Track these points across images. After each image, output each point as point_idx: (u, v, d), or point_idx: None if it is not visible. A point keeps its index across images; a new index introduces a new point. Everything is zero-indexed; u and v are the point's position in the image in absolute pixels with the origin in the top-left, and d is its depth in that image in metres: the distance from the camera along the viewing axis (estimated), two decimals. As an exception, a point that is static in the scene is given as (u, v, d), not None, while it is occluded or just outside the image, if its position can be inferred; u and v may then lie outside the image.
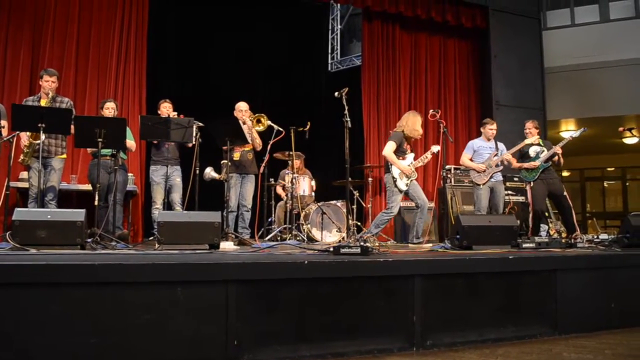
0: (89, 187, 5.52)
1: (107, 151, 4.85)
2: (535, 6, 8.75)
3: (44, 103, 4.78)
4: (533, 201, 5.66)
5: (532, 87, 8.39)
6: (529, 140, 5.71)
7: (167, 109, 5.44)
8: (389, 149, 5.20)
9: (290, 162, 6.41)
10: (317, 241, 5.92)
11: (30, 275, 2.13)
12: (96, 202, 4.31)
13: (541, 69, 8.53)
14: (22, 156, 4.69)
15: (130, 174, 5.90)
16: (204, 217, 3.74)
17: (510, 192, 6.94)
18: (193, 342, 2.28)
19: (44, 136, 4.31)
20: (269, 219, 6.51)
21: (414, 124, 5.29)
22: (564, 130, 10.05)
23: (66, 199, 5.92)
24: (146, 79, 6.84)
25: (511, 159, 5.72)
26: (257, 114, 5.57)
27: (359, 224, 6.47)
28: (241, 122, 5.20)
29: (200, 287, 2.33)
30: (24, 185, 5.39)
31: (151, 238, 4.50)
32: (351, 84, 5.26)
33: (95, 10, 6.67)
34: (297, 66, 8.99)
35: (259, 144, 5.61)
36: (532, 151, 5.73)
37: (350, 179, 4.34)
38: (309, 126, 5.84)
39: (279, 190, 6.78)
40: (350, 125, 4.30)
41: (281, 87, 8.76)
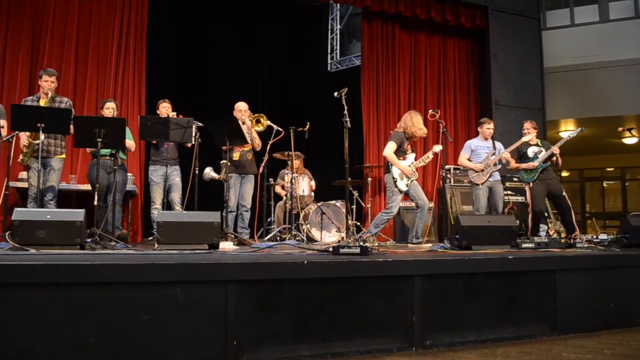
0: (88, 187, 5.52)
1: (107, 151, 4.84)
2: (535, 6, 8.75)
3: (43, 103, 4.78)
4: (532, 201, 5.66)
5: (532, 87, 8.40)
6: (526, 138, 5.72)
7: (166, 109, 5.44)
8: (390, 149, 5.20)
9: (289, 162, 6.41)
10: (316, 241, 5.92)
11: (30, 275, 2.13)
12: (95, 202, 4.31)
13: (541, 69, 8.53)
14: (21, 156, 4.69)
15: (129, 174, 5.90)
16: (204, 217, 3.73)
17: (509, 192, 6.94)
18: (192, 342, 2.28)
19: (43, 136, 4.31)
20: (269, 219, 6.51)
21: (417, 123, 5.27)
22: (563, 131, 10.05)
23: (65, 199, 5.92)
24: (145, 79, 6.84)
25: (509, 157, 5.72)
26: (256, 114, 5.57)
27: (358, 224, 6.47)
28: (240, 122, 5.19)
29: (200, 287, 2.33)
30: (23, 185, 5.39)
31: (150, 238, 4.49)
32: (351, 84, 5.26)
33: (95, 10, 6.67)
34: (296, 66, 9.00)
35: (258, 144, 5.61)
36: (531, 152, 5.73)
37: (349, 179, 4.33)
38: (308, 126, 5.84)
39: (278, 190, 6.78)
40: (349, 125, 4.29)
41: (280, 87, 8.78)
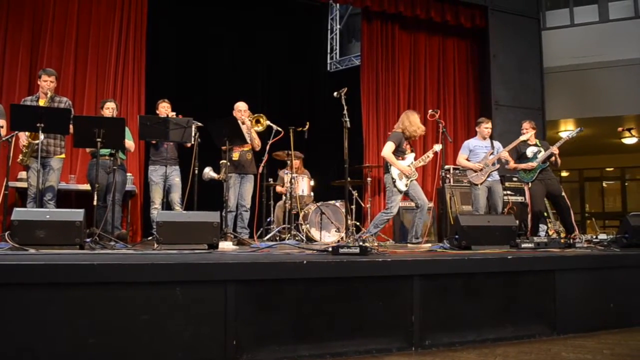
0: (87, 187, 5.51)
1: (106, 151, 4.84)
2: (535, 6, 8.75)
3: (42, 103, 4.78)
4: (532, 201, 5.66)
5: (531, 87, 8.40)
6: (524, 137, 5.72)
7: (165, 109, 5.43)
8: (388, 149, 5.19)
9: (289, 162, 6.41)
10: (316, 241, 5.92)
11: (29, 275, 2.12)
12: (95, 202, 4.31)
13: (540, 69, 8.53)
14: (21, 156, 4.69)
15: (129, 174, 5.90)
16: (203, 217, 3.73)
17: (509, 192, 6.94)
18: (192, 342, 2.28)
19: (42, 136, 4.31)
20: (268, 219, 6.51)
21: (415, 122, 5.25)
22: (563, 131, 10.06)
23: (65, 198, 5.92)
24: (145, 79, 6.83)
25: (508, 157, 5.71)
26: (256, 114, 5.56)
27: (357, 224, 6.47)
28: (240, 122, 5.19)
29: (199, 287, 2.33)
30: (22, 185, 5.39)
31: (150, 238, 4.50)
32: (350, 84, 5.24)
33: (94, 9, 6.67)
34: (296, 66, 9.00)
35: (257, 144, 5.61)
36: (530, 152, 5.73)
37: (349, 179, 4.32)
38: (307, 126, 5.85)
39: (278, 189, 6.78)
40: (349, 125, 4.28)
41: (280, 87, 8.78)
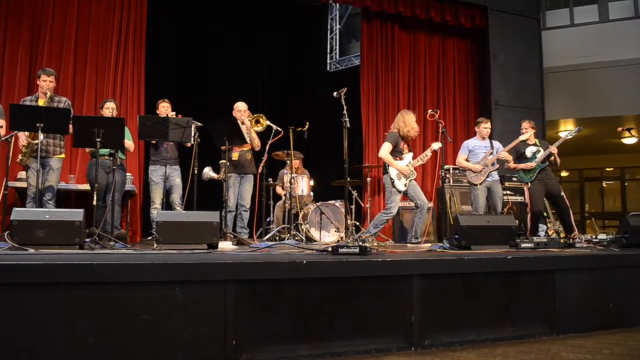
0: (87, 187, 5.51)
1: (106, 151, 4.84)
2: (535, 6, 8.75)
3: (42, 103, 4.77)
4: (531, 201, 5.66)
5: (531, 87, 8.40)
6: (524, 137, 5.72)
7: (165, 109, 5.43)
8: (385, 150, 5.18)
9: (288, 162, 6.41)
10: (315, 241, 5.92)
11: (29, 275, 2.12)
12: (94, 202, 4.30)
13: (540, 69, 8.53)
14: (20, 156, 4.69)
15: (128, 173, 5.90)
16: (203, 217, 3.72)
17: (508, 192, 6.94)
18: (191, 342, 2.28)
19: (42, 136, 4.31)
20: (268, 219, 6.51)
21: (409, 122, 5.25)
22: (562, 130, 10.06)
23: (64, 198, 5.92)
24: (145, 79, 6.83)
25: (508, 156, 5.70)
26: (255, 115, 5.56)
27: (357, 223, 6.47)
28: (240, 122, 5.19)
29: (199, 287, 2.33)
30: (22, 185, 5.39)
31: (149, 238, 4.50)
32: (350, 83, 5.24)
33: (94, 9, 6.66)
34: (296, 66, 9.01)
35: (257, 145, 5.61)
36: (529, 151, 5.73)
37: (348, 178, 4.33)
38: (307, 126, 5.84)
39: (278, 190, 6.78)
40: (349, 125, 4.29)
41: (280, 87, 8.78)
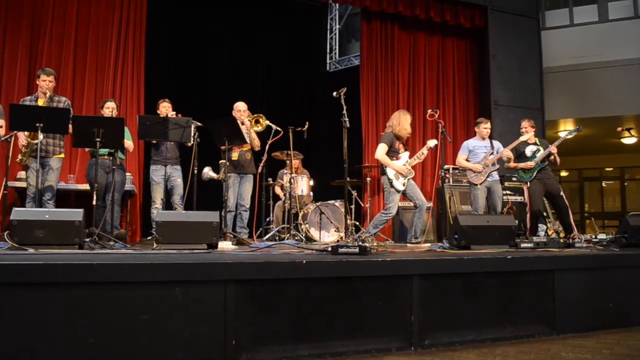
0: (87, 186, 5.51)
1: (105, 151, 4.84)
2: (534, 6, 8.75)
3: (41, 103, 4.77)
4: (531, 201, 5.66)
5: (531, 87, 8.40)
6: (525, 137, 5.72)
7: (166, 109, 5.43)
8: (381, 151, 5.16)
9: (288, 161, 6.41)
10: (315, 241, 5.92)
11: (28, 275, 2.12)
12: (94, 202, 4.30)
13: (540, 68, 8.54)
14: (20, 156, 4.69)
15: (128, 173, 5.90)
16: (202, 216, 3.72)
17: (508, 192, 6.94)
18: (191, 342, 2.28)
19: (42, 136, 4.31)
20: (267, 219, 6.52)
21: (404, 123, 5.24)
22: (562, 130, 10.06)
23: (64, 198, 5.92)
24: (145, 79, 6.83)
25: (510, 155, 5.71)
26: (255, 115, 5.56)
27: (357, 223, 6.47)
28: (239, 122, 5.19)
29: (199, 287, 2.33)
30: (21, 184, 5.39)
31: (149, 238, 4.50)
32: (350, 83, 5.24)
33: (94, 9, 6.66)
34: (295, 66, 9.01)
35: (257, 145, 5.61)
36: (529, 151, 5.73)
37: (348, 178, 4.33)
38: (307, 126, 5.84)
39: (277, 190, 6.78)
40: (348, 125, 4.29)
41: (280, 87, 8.78)
